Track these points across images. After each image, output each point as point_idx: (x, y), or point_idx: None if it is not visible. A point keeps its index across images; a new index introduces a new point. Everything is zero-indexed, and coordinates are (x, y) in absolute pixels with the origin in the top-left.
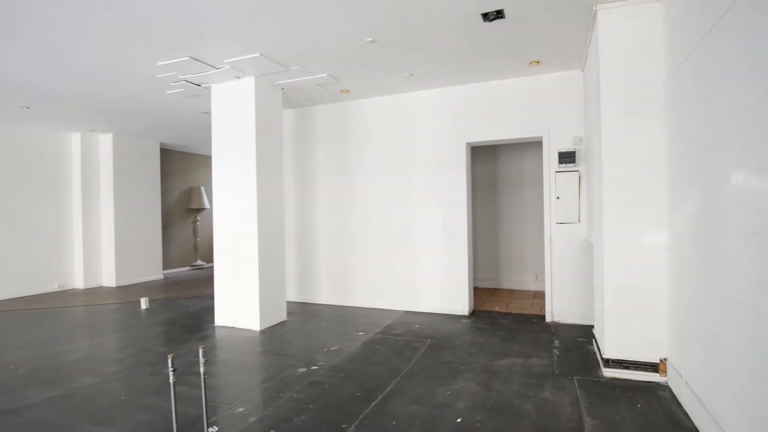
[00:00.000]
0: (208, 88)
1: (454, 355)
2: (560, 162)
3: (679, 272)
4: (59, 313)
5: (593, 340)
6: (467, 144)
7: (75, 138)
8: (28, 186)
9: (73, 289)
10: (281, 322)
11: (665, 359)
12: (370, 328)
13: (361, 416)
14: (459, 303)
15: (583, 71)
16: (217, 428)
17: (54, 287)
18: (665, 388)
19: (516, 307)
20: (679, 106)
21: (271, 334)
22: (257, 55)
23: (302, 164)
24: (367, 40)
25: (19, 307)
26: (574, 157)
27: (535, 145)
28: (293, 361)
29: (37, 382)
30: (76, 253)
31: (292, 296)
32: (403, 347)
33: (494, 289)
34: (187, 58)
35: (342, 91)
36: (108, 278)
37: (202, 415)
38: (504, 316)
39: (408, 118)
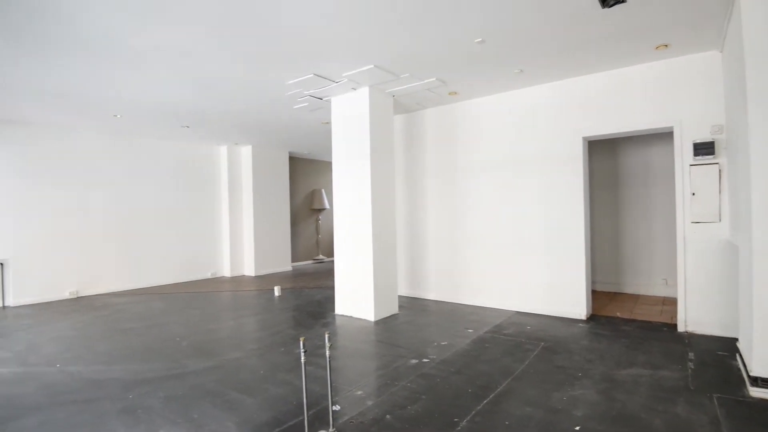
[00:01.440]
0: (329, 101)
1: (570, 360)
2: (696, 154)
3: None
4: (211, 296)
5: (737, 355)
6: (584, 139)
7: (223, 150)
8: (189, 191)
9: (222, 276)
10: (393, 315)
11: None
12: (479, 326)
13: (473, 412)
14: (575, 306)
15: (721, 52)
16: (339, 407)
17: (207, 275)
18: None
19: (641, 314)
20: None
21: (384, 325)
22: (371, 66)
23: (412, 166)
24: (476, 41)
25: (181, 290)
26: (713, 148)
27: (663, 136)
28: (405, 352)
29: (195, 353)
30: (224, 247)
31: (403, 291)
32: (515, 348)
33: (615, 294)
34: (312, 75)
35: (450, 94)
36: (248, 268)
37: (327, 393)
38: (627, 323)
39: (517, 115)
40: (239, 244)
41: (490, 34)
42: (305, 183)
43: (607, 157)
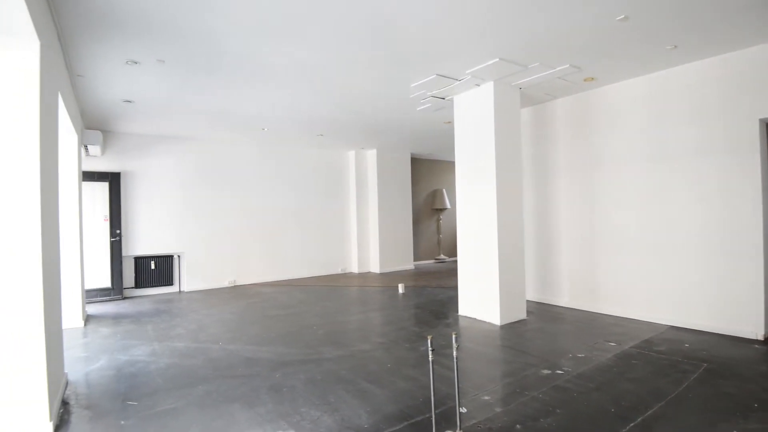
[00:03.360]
0: (451, 100)
1: (743, 388)
2: None
3: None
4: (341, 290)
5: None
6: (761, 121)
7: (351, 155)
8: (322, 193)
9: (351, 272)
10: (521, 320)
11: None
12: (623, 340)
13: None
14: (748, 323)
15: None
16: (465, 409)
17: (338, 270)
18: None
19: None
20: None
21: (511, 330)
22: (496, 60)
23: (540, 162)
24: (618, 18)
25: (316, 283)
26: None
27: None
28: (535, 361)
29: (329, 342)
30: (353, 245)
31: (531, 296)
32: (669, 368)
33: None
34: (434, 76)
35: (585, 80)
36: (374, 265)
37: (453, 394)
38: None
39: (669, 98)
40: (366, 242)
41: (635, 8)
42: (427, 183)
43: None
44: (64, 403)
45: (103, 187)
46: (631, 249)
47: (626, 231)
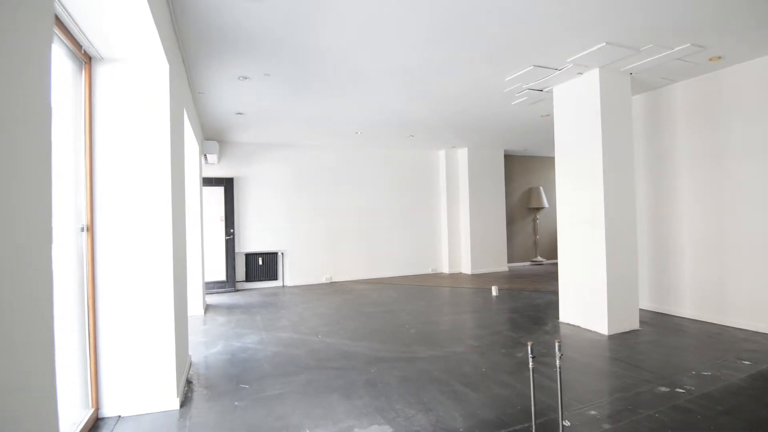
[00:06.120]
0: (550, 92)
1: None
2: None
3: None
4: (433, 290)
5: None
6: None
7: (441, 154)
8: (413, 194)
9: (441, 272)
10: (633, 331)
11: None
12: (759, 358)
13: None
14: None
15: None
16: (569, 423)
17: (428, 270)
18: None
19: None
20: None
21: (621, 341)
22: (603, 44)
23: (656, 155)
24: None
25: (407, 282)
26: None
27: None
28: (650, 377)
29: (422, 341)
30: (443, 245)
31: (644, 304)
32: None
33: None
34: (531, 67)
35: (711, 60)
36: (465, 266)
37: (555, 405)
38: None
39: None
40: (456, 242)
41: None
42: (521, 181)
43: None
44: (188, 382)
45: (219, 191)
46: None
47: (763, 233)
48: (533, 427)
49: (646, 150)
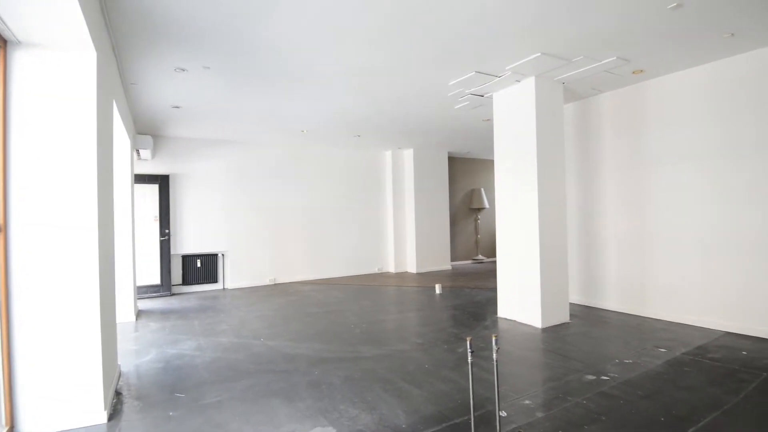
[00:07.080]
0: (490, 97)
1: None
2: None
3: None
4: (378, 289)
5: None
6: None
7: (387, 155)
8: (359, 194)
9: (387, 272)
10: (563, 324)
11: None
12: (674, 346)
13: None
14: None
15: None
16: (506, 414)
17: (375, 270)
18: None
19: None
20: None
21: (553, 333)
22: (538, 54)
23: (585, 160)
24: (670, 6)
25: (353, 282)
26: None
27: None
28: (579, 366)
29: (367, 341)
30: (389, 244)
31: (574, 298)
32: (724, 376)
33: None
34: (473, 73)
35: (634, 72)
36: (411, 265)
37: (493, 397)
38: None
39: (728, 90)
40: (402, 242)
41: None
42: (464, 182)
43: None
44: (117, 394)
45: (153, 189)
46: (684, 251)
47: (679, 232)
48: (472, 419)
49: (576, 155)
